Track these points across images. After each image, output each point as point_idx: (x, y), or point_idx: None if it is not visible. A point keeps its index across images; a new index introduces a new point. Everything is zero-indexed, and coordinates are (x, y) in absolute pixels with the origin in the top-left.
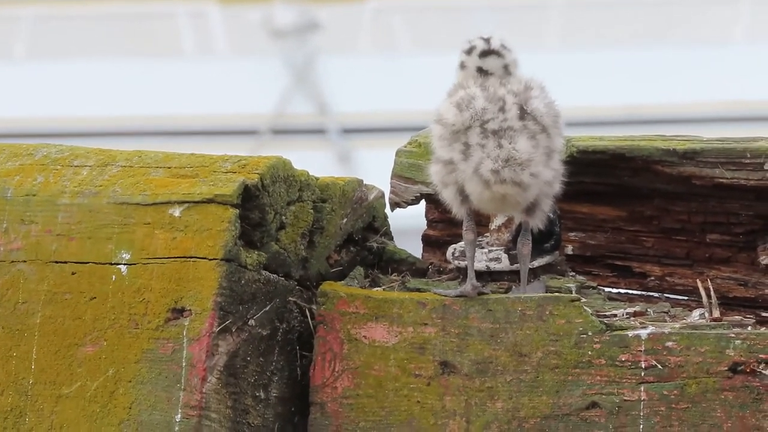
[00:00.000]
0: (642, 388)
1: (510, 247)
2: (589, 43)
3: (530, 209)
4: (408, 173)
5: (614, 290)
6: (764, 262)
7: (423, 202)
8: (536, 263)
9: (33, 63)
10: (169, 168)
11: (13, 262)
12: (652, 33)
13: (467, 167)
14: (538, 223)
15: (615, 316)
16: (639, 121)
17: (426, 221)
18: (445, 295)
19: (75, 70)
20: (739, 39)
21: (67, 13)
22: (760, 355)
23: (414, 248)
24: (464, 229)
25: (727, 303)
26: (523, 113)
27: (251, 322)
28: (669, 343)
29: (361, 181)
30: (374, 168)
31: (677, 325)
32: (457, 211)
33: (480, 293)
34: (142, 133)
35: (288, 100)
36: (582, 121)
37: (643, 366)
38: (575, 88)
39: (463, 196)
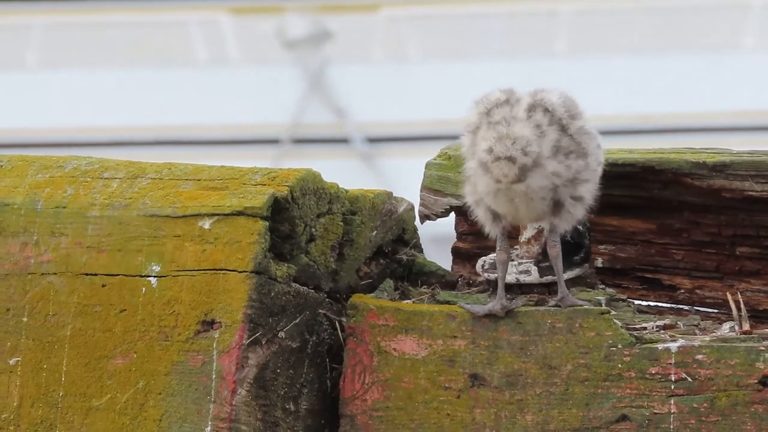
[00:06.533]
0: (672, 401)
1: (539, 260)
2: (599, 50)
3: (556, 209)
4: (437, 185)
5: (644, 303)
6: None
7: (453, 215)
8: (566, 276)
9: (44, 72)
10: (199, 180)
11: (43, 274)
12: (661, 41)
13: (474, 164)
14: (565, 225)
15: (645, 329)
16: (650, 130)
17: (456, 234)
18: (473, 313)
19: (87, 80)
20: (749, 47)
21: (78, 22)
22: None
23: (444, 260)
24: (497, 249)
25: (757, 316)
26: (533, 107)
27: (281, 334)
28: (699, 356)
29: (391, 193)
30: (388, 175)
31: (707, 338)
32: (490, 229)
33: (508, 312)
34: (158, 142)
35: (304, 109)
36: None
37: (673, 379)
38: (584, 96)
39: (494, 214)
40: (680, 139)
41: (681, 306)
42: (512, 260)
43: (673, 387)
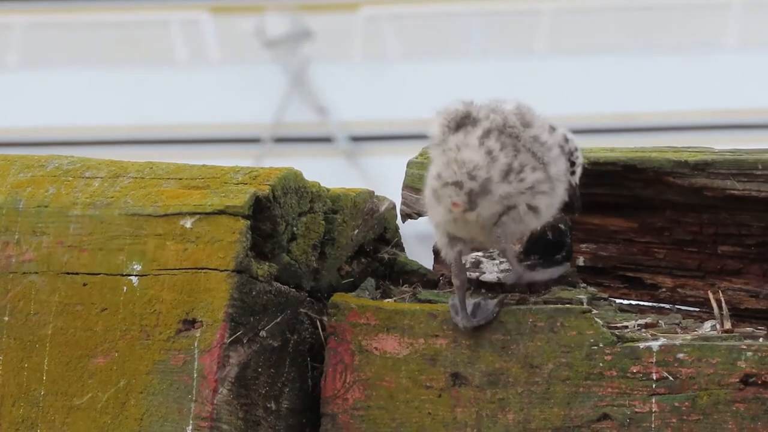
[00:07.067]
0: (653, 400)
1: (521, 259)
2: (579, 49)
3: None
4: (419, 184)
5: (625, 302)
6: None
7: None
8: (547, 275)
9: (25, 72)
10: (181, 179)
11: (24, 273)
12: (642, 39)
13: (428, 192)
14: (512, 224)
15: (626, 327)
16: (631, 129)
17: None
18: (453, 317)
19: (68, 79)
20: (730, 45)
21: (59, 21)
22: None
23: (430, 257)
24: (452, 274)
25: (739, 314)
26: (488, 132)
27: (262, 333)
28: (680, 355)
29: (372, 192)
30: (371, 174)
31: (689, 337)
32: (446, 254)
33: (474, 328)
34: (139, 141)
35: (285, 108)
36: (572, 129)
37: (654, 378)
38: (564, 95)
39: (451, 238)
40: (662, 138)
41: (662, 305)
42: (493, 259)
43: (654, 386)
